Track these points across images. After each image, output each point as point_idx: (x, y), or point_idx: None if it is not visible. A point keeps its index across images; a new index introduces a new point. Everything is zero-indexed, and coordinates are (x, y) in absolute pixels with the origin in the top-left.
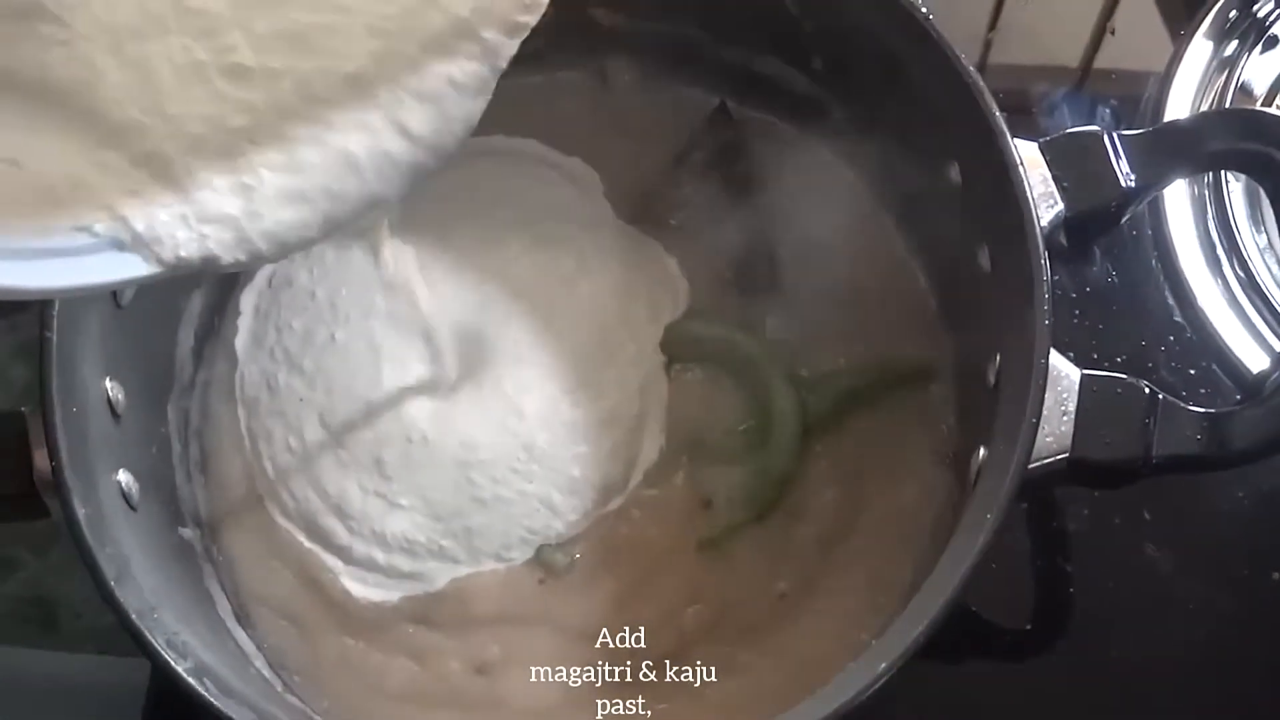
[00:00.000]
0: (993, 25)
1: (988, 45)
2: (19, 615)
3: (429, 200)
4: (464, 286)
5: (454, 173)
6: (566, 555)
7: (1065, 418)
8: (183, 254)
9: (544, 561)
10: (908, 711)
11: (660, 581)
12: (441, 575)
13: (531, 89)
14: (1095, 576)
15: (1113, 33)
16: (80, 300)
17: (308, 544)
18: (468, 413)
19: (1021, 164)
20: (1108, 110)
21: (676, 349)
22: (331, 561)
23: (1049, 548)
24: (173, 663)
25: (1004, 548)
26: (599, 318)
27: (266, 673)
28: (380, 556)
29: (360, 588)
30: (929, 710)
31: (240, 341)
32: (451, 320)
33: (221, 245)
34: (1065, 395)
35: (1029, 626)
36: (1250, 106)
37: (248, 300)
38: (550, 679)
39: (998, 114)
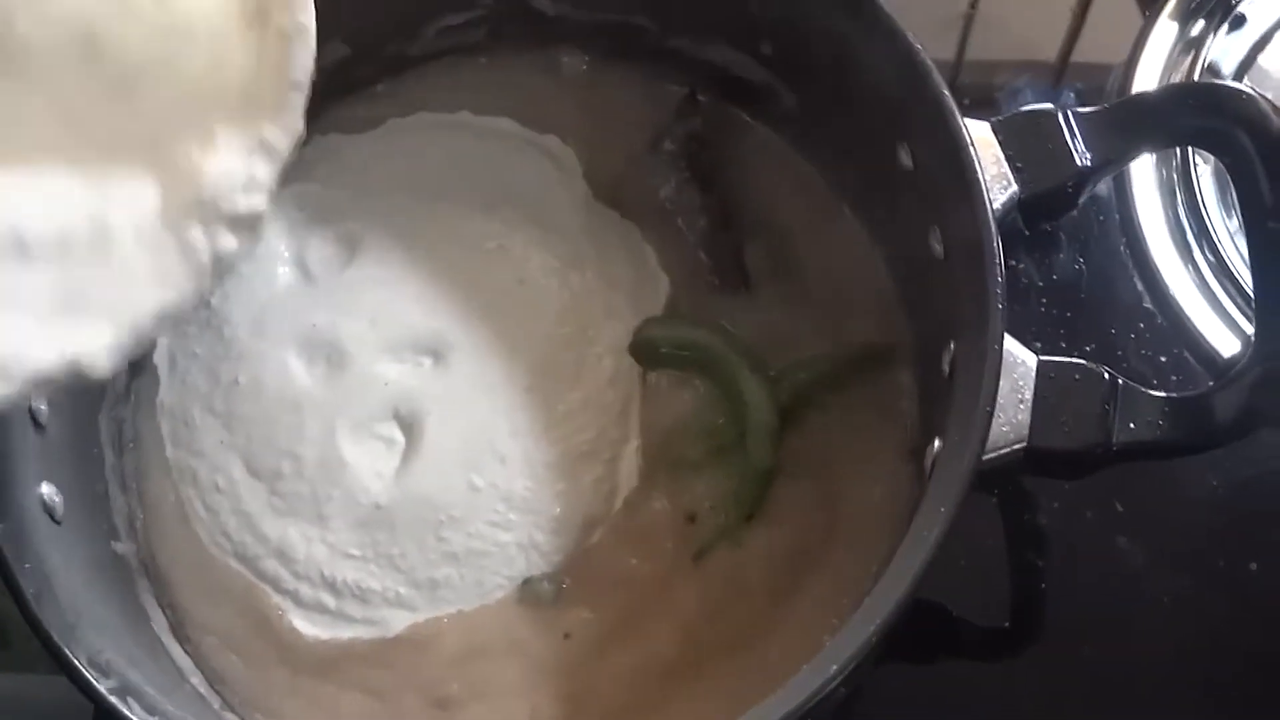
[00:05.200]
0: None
1: (962, 41)
2: None
3: (394, 175)
4: (424, 288)
5: (423, 148)
6: (553, 584)
7: (1022, 405)
8: None
9: (531, 594)
10: (881, 711)
11: (644, 610)
12: (398, 621)
13: (488, 71)
14: (1067, 571)
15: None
16: None
17: (251, 578)
18: (431, 471)
19: (973, 144)
20: (1072, 95)
21: (645, 355)
22: (277, 599)
23: (1020, 542)
24: (94, 681)
25: (974, 542)
26: (577, 319)
27: (203, 689)
28: (330, 602)
29: (309, 626)
30: (902, 709)
31: (159, 356)
32: (403, 337)
33: None
34: (1021, 383)
35: (1006, 624)
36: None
37: None
38: (516, 712)
39: (946, 93)
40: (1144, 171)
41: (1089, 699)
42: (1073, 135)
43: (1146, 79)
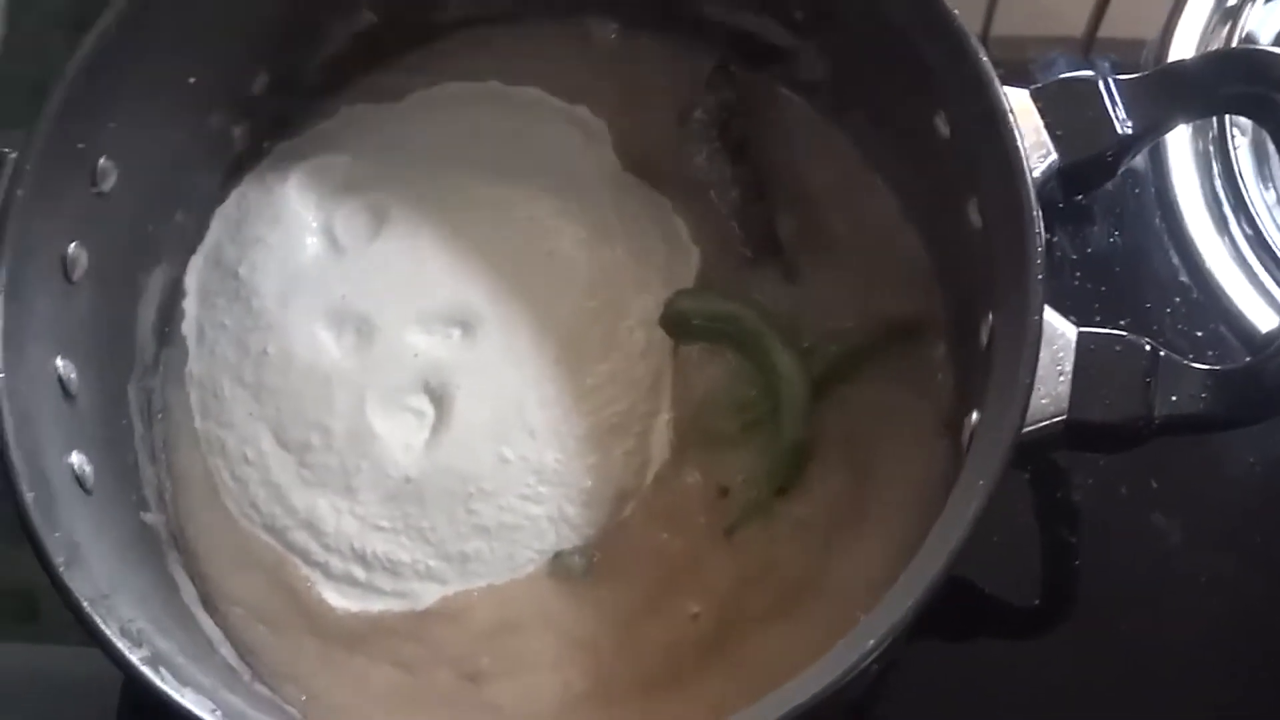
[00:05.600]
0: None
1: (988, 14)
2: None
3: (423, 145)
4: (453, 260)
5: (452, 118)
6: (585, 558)
7: (1061, 378)
8: None
9: (562, 567)
10: (912, 690)
11: (676, 584)
12: (429, 594)
13: (518, 40)
14: (1101, 548)
15: None
16: (27, 277)
17: (280, 550)
18: (460, 444)
19: (1011, 112)
20: (1107, 65)
21: (676, 327)
22: (306, 571)
23: (1052, 519)
24: (125, 652)
25: (1006, 520)
26: (607, 292)
27: (233, 660)
28: (360, 574)
29: (339, 599)
30: (933, 688)
31: (188, 327)
32: (432, 309)
33: None
34: (1061, 354)
35: (1038, 602)
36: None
37: (192, 277)
38: (548, 686)
39: (985, 59)
40: (1180, 144)
41: (1121, 677)
42: (1113, 103)
43: (1183, 49)
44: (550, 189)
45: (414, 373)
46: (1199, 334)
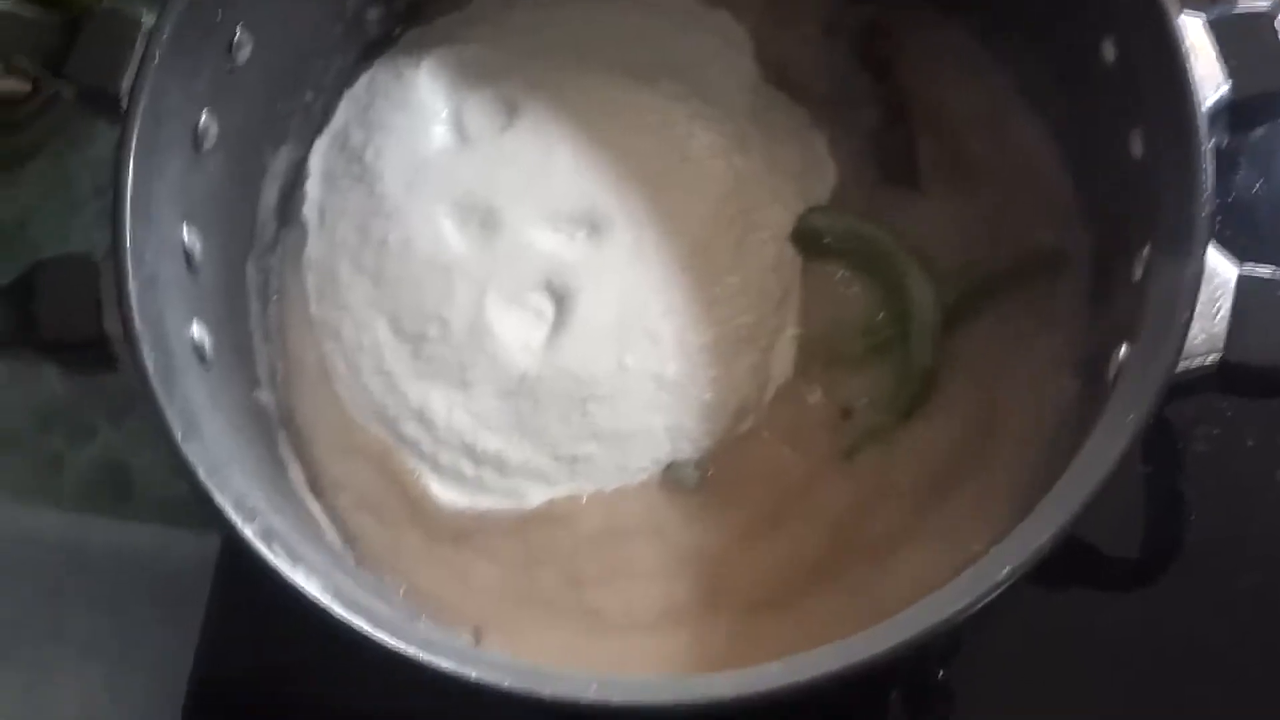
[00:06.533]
0: None
1: None
2: (94, 482)
3: (557, 40)
4: (583, 159)
5: (589, 16)
6: (698, 471)
7: (1219, 317)
8: None
9: (674, 478)
10: (1008, 635)
11: (790, 505)
12: (536, 495)
13: None
14: (1219, 502)
15: None
16: (158, 143)
17: (389, 440)
18: (580, 346)
19: (1187, 42)
20: None
21: (807, 244)
22: (414, 463)
23: (1169, 469)
24: (239, 525)
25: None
26: (741, 201)
27: (339, 546)
28: (468, 469)
29: (446, 493)
30: (1030, 635)
31: (309, 210)
32: (559, 207)
33: None
34: (1219, 293)
35: (1142, 554)
36: None
37: (316, 159)
38: (651, 595)
39: None
40: None
41: (1235, 636)
42: None
43: None
44: (687, 94)
45: (537, 271)
46: None
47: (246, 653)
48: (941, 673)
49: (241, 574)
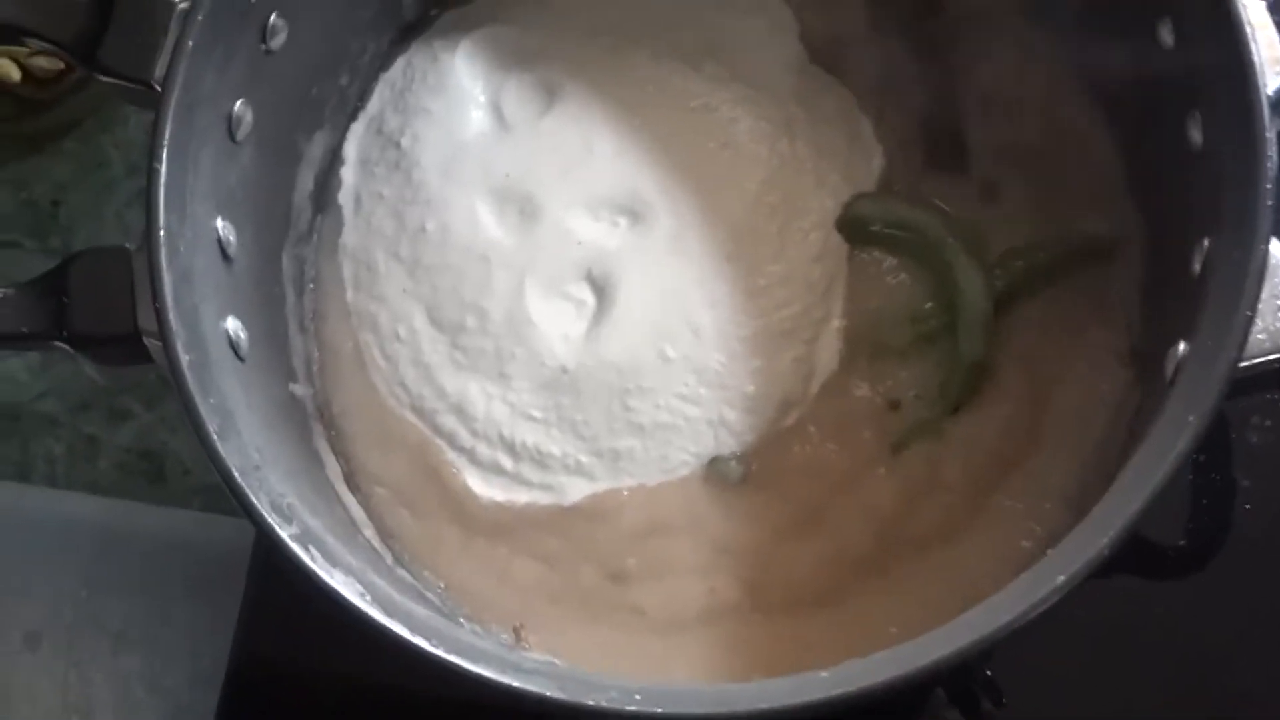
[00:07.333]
0: None
1: None
2: (128, 467)
3: (598, 23)
4: (624, 144)
5: None
6: (741, 465)
7: None
8: None
9: (717, 473)
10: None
11: (835, 499)
12: (576, 490)
13: None
14: (1272, 494)
15: None
16: (192, 132)
17: (427, 432)
18: (621, 338)
19: (1249, 24)
20: None
21: (854, 232)
22: (452, 456)
23: (1222, 460)
24: (277, 528)
25: None
26: (785, 188)
27: (376, 543)
28: (507, 463)
29: (484, 487)
30: (1076, 624)
31: (345, 197)
32: (600, 194)
33: None
34: None
35: (1191, 544)
36: None
37: (352, 145)
38: (694, 592)
39: None
40: None
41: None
42: None
43: None
44: (731, 77)
45: (577, 260)
46: None
47: (284, 639)
48: (989, 672)
49: (277, 563)
